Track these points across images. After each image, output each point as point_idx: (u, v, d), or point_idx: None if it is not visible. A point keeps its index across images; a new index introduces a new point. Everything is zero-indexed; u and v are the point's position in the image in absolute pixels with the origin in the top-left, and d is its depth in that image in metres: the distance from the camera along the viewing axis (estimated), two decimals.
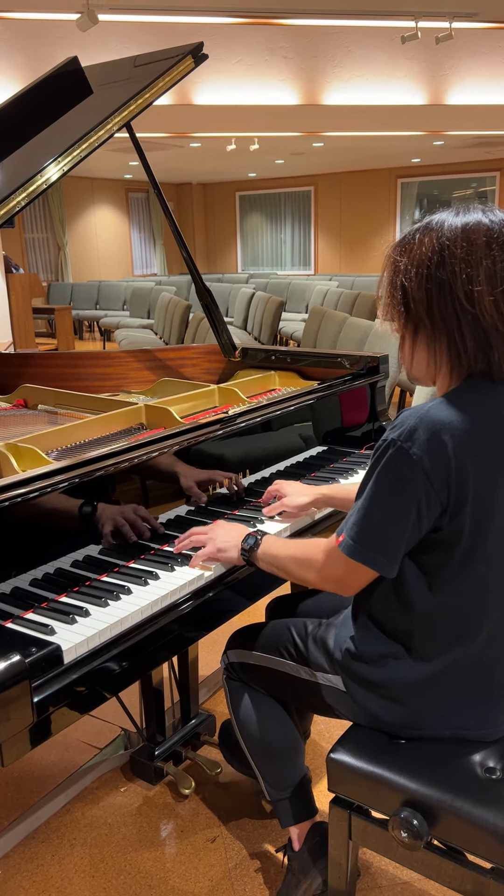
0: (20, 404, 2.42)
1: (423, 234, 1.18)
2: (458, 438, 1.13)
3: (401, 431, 1.15)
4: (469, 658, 1.30)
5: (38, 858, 1.84)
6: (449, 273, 1.13)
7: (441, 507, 1.17)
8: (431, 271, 1.15)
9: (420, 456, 1.13)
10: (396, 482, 1.16)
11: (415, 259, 1.17)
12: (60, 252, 13.79)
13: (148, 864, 1.82)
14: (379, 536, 1.20)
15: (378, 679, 1.35)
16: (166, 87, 2.14)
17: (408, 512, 1.16)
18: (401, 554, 1.22)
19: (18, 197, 1.86)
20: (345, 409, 2.29)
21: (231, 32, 6.08)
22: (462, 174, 13.49)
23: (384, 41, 6.37)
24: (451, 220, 1.16)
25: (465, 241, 1.13)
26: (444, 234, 1.15)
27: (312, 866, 1.61)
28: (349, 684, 1.40)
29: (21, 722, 1.12)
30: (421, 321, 1.18)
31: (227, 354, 2.64)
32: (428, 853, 1.28)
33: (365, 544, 1.21)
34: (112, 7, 5.25)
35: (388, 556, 1.21)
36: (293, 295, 10.88)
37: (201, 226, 16.57)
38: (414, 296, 1.17)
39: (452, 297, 1.13)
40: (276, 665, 1.55)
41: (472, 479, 1.15)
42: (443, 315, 1.15)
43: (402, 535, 1.19)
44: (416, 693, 1.32)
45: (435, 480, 1.14)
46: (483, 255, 1.12)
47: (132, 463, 1.56)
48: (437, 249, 1.14)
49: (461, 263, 1.12)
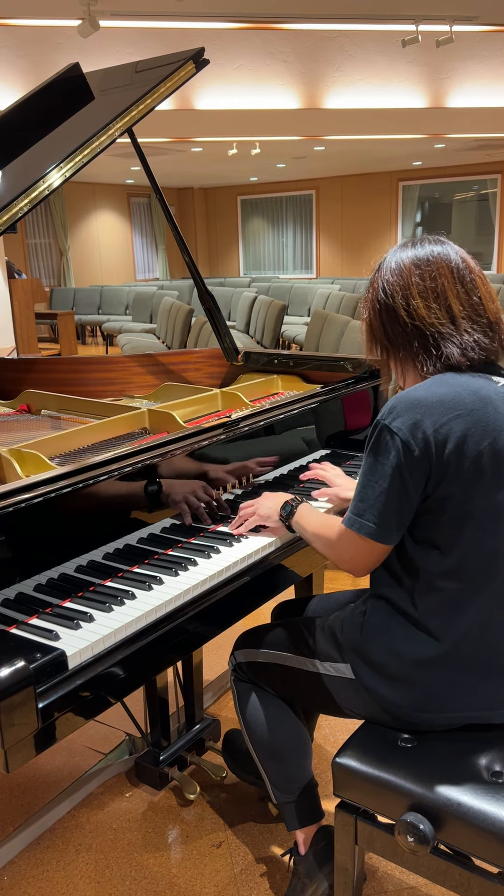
0: (23, 409, 2.42)
1: (374, 275, 1.43)
2: (433, 410, 1.26)
3: (383, 412, 1.31)
4: (477, 630, 1.32)
5: (44, 864, 1.84)
6: (391, 298, 1.37)
7: (425, 475, 1.27)
8: (380, 302, 1.39)
9: (399, 428, 1.26)
10: (381, 455, 1.29)
11: (369, 299, 1.43)
12: (63, 257, 13.82)
13: (153, 869, 1.82)
14: (372, 506, 1.31)
15: (387, 658, 1.36)
16: (168, 93, 2.14)
17: (393, 481, 1.28)
18: (394, 522, 1.30)
19: (21, 203, 1.87)
20: (348, 413, 2.29)
21: (231, 37, 6.10)
22: (463, 177, 13.49)
23: (385, 45, 6.38)
24: (389, 258, 1.41)
25: (397, 272, 1.37)
26: (384, 272, 1.40)
27: (318, 871, 1.61)
28: (358, 669, 1.41)
29: (26, 727, 1.12)
30: (384, 345, 1.41)
31: (230, 358, 2.64)
32: (434, 858, 1.27)
33: (360, 515, 1.32)
34: (113, 13, 5.27)
35: (378, 522, 1.30)
36: (295, 298, 10.88)
37: (203, 230, 16.59)
38: (375, 327, 1.42)
39: (397, 317, 1.36)
40: (284, 661, 1.56)
41: (453, 445, 1.25)
42: (395, 334, 1.38)
43: (392, 503, 1.29)
44: (425, 670, 1.34)
45: (415, 449, 1.25)
46: (411, 276, 1.35)
47: (136, 467, 1.56)
48: (381, 286, 1.39)
49: (397, 289, 1.36)
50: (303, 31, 6.00)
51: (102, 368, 2.67)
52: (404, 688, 1.36)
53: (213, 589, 1.50)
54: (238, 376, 2.65)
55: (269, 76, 7.08)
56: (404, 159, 12.39)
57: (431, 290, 1.34)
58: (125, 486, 1.55)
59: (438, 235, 1.42)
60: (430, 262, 1.36)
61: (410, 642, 1.35)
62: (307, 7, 5.43)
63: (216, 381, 2.72)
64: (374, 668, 1.39)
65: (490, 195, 13.38)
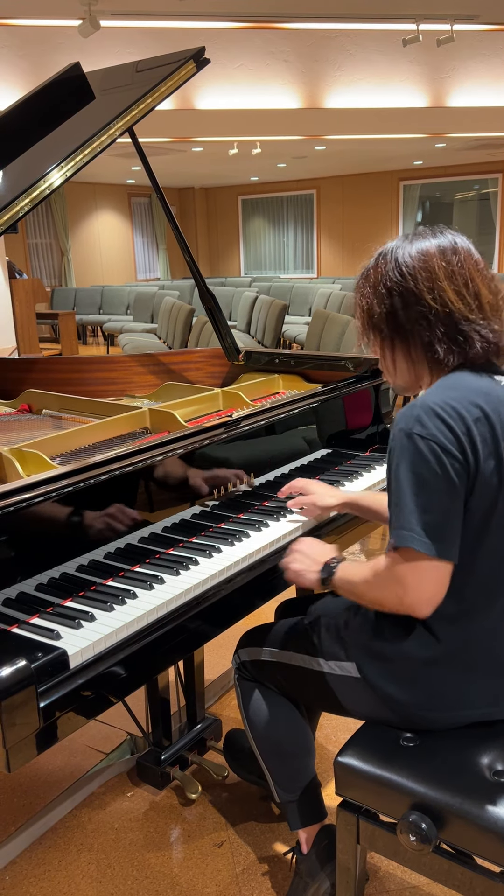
0: (24, 409, 2.42)
1: (378, 260, 1.34)
2: (455, 410, 1.22)
3: (406, 422, 1.23)
4: (484, 632, 1.32)
5: (45, 864, 1.84)
6: (411, 281, 1.28)
7: (466, 473, 1.22)
8: (392, 286, 1.29)
9: (431, 434, 1.20)
10: (420, 466, 1.21)
11: (373, 281, 1.33)
12: (64, 257, 13.82)
13: (155, 868, 1.82)
14: (429, 523, 1.20)
15: (394, 655, 1.36)
16: (168, 92, 2.14)
17: (446, 488, 1.20)
18: (454, 529, 1.22)
19: (22, 202, 1.87)
20: (349, 412, 2.29)
21: (232, 37, 6.09)
22: (464, 176, 13.49)
23: (385, 44, 6.38)
24: (401, 245, 1.32)
25: (420, 254, 1.29)
26: (397, 255, 1.30)
27: (320, 870, 1.61)
28: (364, 666, 1.41)
29: (27, 727, 1.12)
30: (390, 335, 1.32)
31: (231, 358, 2.64)
32: (436, 857, 1.27)
33: (415, 531, 1.21)
34: (114, 13, 5.27)
35: (442, 538, 1.20)
36: (296, 298, 10.88)
37: (204, 230, 16.59)
38: (378, 313, 1.32)
39: (416, 302, 1.27)
40: (288, 659, 1.56)
41: (479, 448, 1.21)
42: (410, 321, 1.29)
43: (449, 513, 1.21)
44: (432, 669, 1.33)
45: (453, 450, 1.20)
46: (438, 260, 1.28)
47: (137, 467, 1.56)
48: (394, 267, 1.30)
49: (420, 272, 1.28)
50: (303, 30, 6.00)
51: (103, 368, 2.67)
52: (410, 686, 1.36)
53: (214, 588, 1.50)
54: (239, 376, 2.65)
55: (270, 76, 7.08)
56: (405, 159, 12.39)
57: (460, 274, 1.28)
58: (126, 486, 1.55)
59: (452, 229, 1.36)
60: (456, 250, 1.29)
61: (419, 642, 1.34)
62: (308, 6, 5.43)
63: (217, 380, 2.72)
64: (380, 666, 1.39)
65: (491, 194, 13.37)
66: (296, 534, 1.75)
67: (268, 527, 1.75)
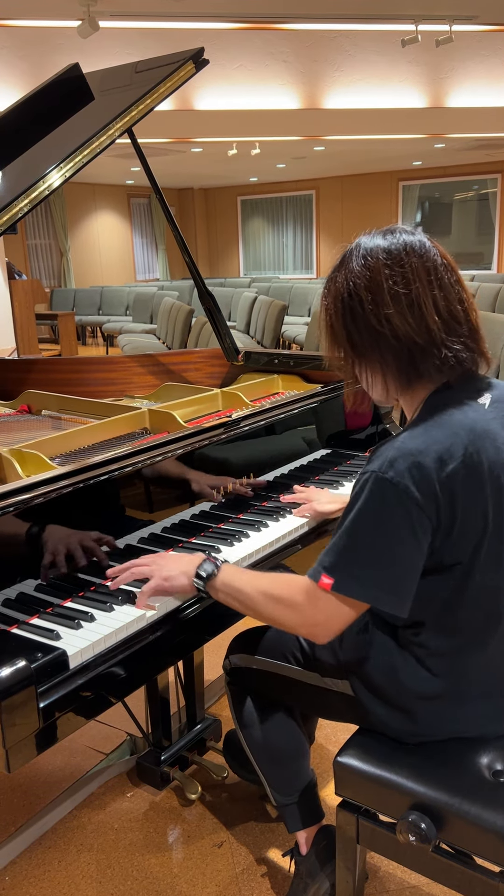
0: (24, 410, 2.42)
1: (337, 271, 1.25)
2: (435, 461, 1.14)
3: (380, 463, 1.16)
4: (480, 666, 1.31)
5: (45, 864, 1.84)
6: (358, 301, 1.19)
7: (432, 527, 1.16)
8: (345, 305, 1.21)
9: (403, 483, 1.13)
10: (384, 512, 1.14)
11: (332, 297, 1.25)
12: (63, 258, 13.82)
13: (155, 869, 1.82)
14: (375, 570, 1.16)
15: (388, 688, 1.34)
16: (167, 93, 2.14)
17: (402, 540, 1.14)
18: (404, 585, 1.17)
19: (21, 203, 1.87)
20: (348, 412, 2.29)
21: (231, 38, 6.10)
22: (463, 176, 13.49)
23: (384, 45, 6.38)
24: (356, 250, 1.22)
25: (366, 269, 1.19)
26: (351, 269, 1.21)
27: (320, 870, 1.60)
28: (358, 689, 1.39)
29: (27, 727, 1.12)
30: (350, 353, 1.26)
31: (231, 358, 2.64)
32: (436, 857, 1.27)
33: (360, 581, 1.16)
34: (113, 14, 5.27)
35: (386, 588, 1.16)
36: (295, 298, 10.88)
37: (203, 230, 16.59)
38: (338, 331, 1.25)
39: (366, 323, 1.19)
40: (281, 670, 1.54)
41: (459, 496, 1.15)
42: (363, 342, 1.21)
43: (401, 563, 1.16)
44: (426, 702, 1.32)
45: (423, 504, 1.13)
46: (382, 277, 1.17)
47: (136, 467, 1.56)
48: (345, 284, 1.21)
49: (364, 291, 1.19)
50: (302, 31, 6.00)
51: (103, 369, 2.67)
52: (402, 714, 1.34)
53: None
54: (238, 376, 2.65)
55: (269, 76, 7.08)
56: (404, 159, 12.39)
57: (405, 295, 1.16)
58: (126, 486, 1.55)
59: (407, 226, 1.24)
60: (404, 261, 1.17)
61: (411, 675, 1.32)
62: (307, 7, 5.43)
63: (216, 381, 2.72)
64: (372, 691, 1.37)
65: (490, 195, 13.38)
66: (296, 533, 1.76)
67: (267, 527, 1.75)
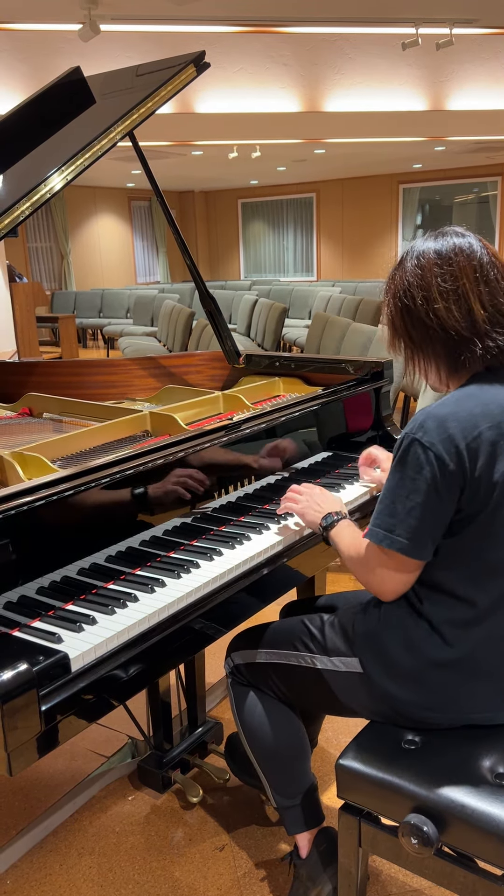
0: (25, 413, 2.42)
1: (395, 270, 1.39)
2: (464, 424, 1.25)
3: (413, 426, 1.28)
4: (494, 638, 1.32)
5: (47, 868, 1.84)
6: (411, 299, 1.33)
7: (459, 488, 1.25)
8: (400, 300, 1.36)
9: (431, 442, 1.24)
10: (412, 469, 1.26)
11: (391, 295, 1.40)
12: (64, 261, 13.84)
13: (156, 872, 1.82)
14: (403, 521, 1.28)
15: (401, 652, 1.36)
16: (169, 96, 2.14)
17: (427, 495, 1.25)
18: (427, 537, 1.28)
19: (22, 206, 1.87)
20: (349, 415, 2.29)
21: (232, 41, 6.10)
22: (463, 179, 13.51)
23: (385, 48, 6.39)
24: (412, 252, 1.37)
25: (418, 268, 1.33)
26: (406, 269, 1.36)
27: (322, 873, 1.60)
28: (368, 662, 1.41)
29: (29, 731, 1.12)
30: (407, 343, 1.39)
31: (232, 361, 2.64)
32: (438, 860, 1.27)
33: (390, 530, 1.29)
34: (114, 17, 5.28)
35: (411, 537, 1.27)
36: (296, 301, 10.89)
37: (204, 233, 16.61)
38: (398, 326, 1.39)
39: (419, 319, 1.33)
40: (285, 659, 1.55)
41: (484, 458, 1.24)
42: (418, 335, 1.35)
43: (427, 518, 1.26)
44: (438, 670, 1.34)
45: (449, 462, 1.23)
46: (432, 276, 1.31)
47: (137, 470, 1.56)
48: (401, 283, 1.36)
49: (417, 290, 1.33)
50: (303, 34, 6.00)
51: (104, 371, 2.67)
52: (412, 685, 1.36)
53: (215, 591, 1.50)
54: (240, 379, 2.66)
55: (270, 79, 7.09)
56: (404, 162, 12.41)
57: (452, 291, 1.30)
58: (127, 489, 1.55)
59: (459, 228, 1.38)
60: (452, 261, 1.31)
61: (426, 641, 1.35)
62: (307, 10, 5.44)
63: (218, 383, 2.72)
64: (384, 663, 1.39)
65: (490, 197, 13.40)
66: (296, 536, 1.75)
67: (269, 529, 1.75)
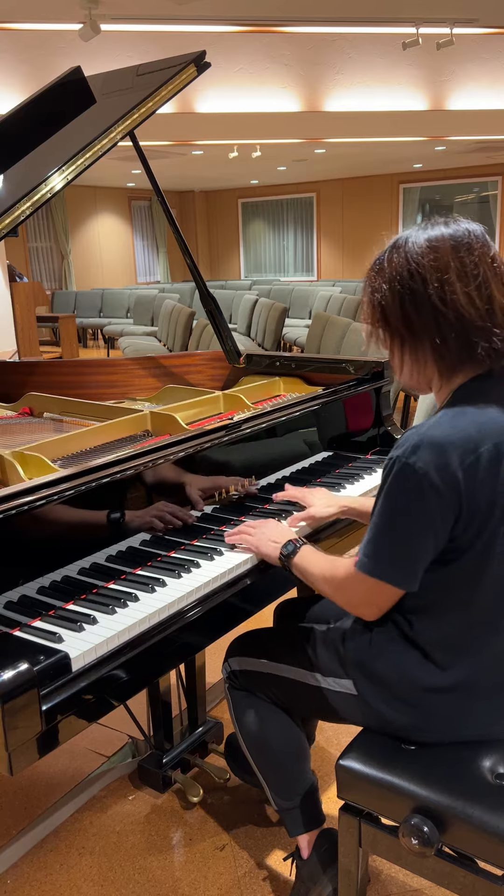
0: (26, 412, 2.42)
1: (391, 252, 1.25)
2: (460, 450, 1.16)
3: (404, 449, 1.19)
4: (488, 661, 1.31)
5: (47, 867, 1.84)
6: (420, 282, 1.20)
7: (454, 517, 1.19)
8: (404, 284, 1.21)
9: (425, 469, 1.16)
10: (405, 497, 1.19)
11: (387, 276, 1.24)
12: (64, 261, 13.83)
13: (157, 872, 1.82)
14: (393, 551, 1.22)
15: (394, 678, 1.35)
16: (169, 96, 2.15)
17: (421, 525, 1.19)
18: (418, 568, 1.23)
19: (23, 206, 1.87)
20: (350, 415, 2.29)
21: (232, 41, 6.10)
22: (464, 179, 13.51)
23: (385, 47, 6.38)
24: (414, 236, 1.24)
25: (430, 250, 1.20)
26: (410, 249, 1.22)
27: (322, 874, 1.60)
28: (361, 687, 1.39)
29: (29, 730, 1.12)
30: (401, 333, 1.25)
31: (232, 361, 2.64)
32: (439, 860, 1.27)
33: (379, 560, 1.24)
34: (114, 17, 5.27)
35: (403, 569, 1.23)
36: (296, 301, 10.89)
37: (204, 233, 16.61)
38: (391, 310, 1.24)
39: (427, 304, 1.19)
40: (283, 672, 1.54)
41: (483, 484, 1.17)
42: (421, 323, 1.21)
43: (418, 548, 1.21)
44: (432, 695, 1.32)
45: (444, 492, 1.16)
46: (450, 258, 1.19)
47: (138, 470, 1.56)
48: (405, 263, 1.22)
49: (431, 271, 1.19)
50: (303, 33, 6.00)
51: (104, 371, 2.67)
52: (407, 709, 1.34)
53: (216, 591, 1.50)
54: (240, 379, 2.66)
55: (270, 79, 7.09)
56: (405, 161, 12.40)
57: (473, 276, 1.18)
58: (128, 489, 1.55)
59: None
60: (472, 246, 1.19)
61: (419, 668, 1.32)
62: (308, 10, 5.44)
63: (218, 383, 2.72)
64: (377, 687, 1.37)
65: (491, 197, 13.39)
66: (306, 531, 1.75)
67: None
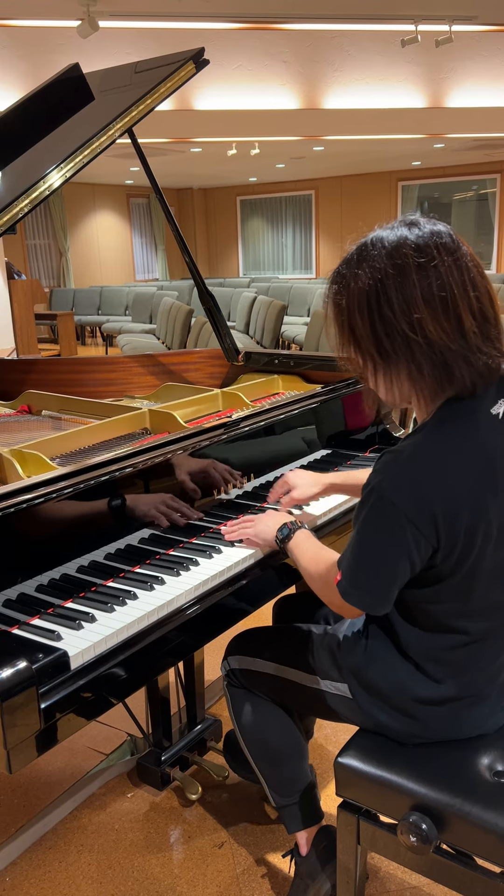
0: (24, 410, 2.42)
1: (357, 266, 1.16)
2: (439, 481, 1.13)
3: (382, 478, 1.16)
4: (481, 679, 1.31)
5: (46, 865, 1.84)
6: (387, 304, 1.11)
7: (432, 548, 1.17)
8: (371, 306, 1.13)
9: (403, 505, 1.13)
10: (382, 529, 1.17)
11: (354, 297, 1.16)
12: (62, 258, 13.81)
13: (155, 869, 1.82)
14: (370, 580, 1.22)
15: (387, 687, 1.34)
16: (168, 93, 2.14)
17: (396, 557, 1.17)
18: (392, 593, 1.23)
19: (21, 203, 1.87)
20: (348, 413, 2.29)
21: (231, 38, 6.09)
22: (462, 176, 13.50)
23: (384, 45, 6.38)
24: (379, 245, 1.14)
25: (393, 268, 1.11)
26: (375, 265, 1.13)
27: (321, 871, 1.60)
28: (356, 692, 1.40)
29: (28, 728, 1.12)
30: (374, 359, 1.17)
31: (231, 359, 2.64)
32: (437, 858, 1.27)
33: (357, 587, 1.24)
34: (112, 14, 5.26)
35: (377, 596, 1.23)
36: (295, 299, 10.88)
37: (203, 230, 16.59)
38: (362, 334, 1.16)
39: (398, 331, 1.12)
40: (281, 673, 1.54)
41: (462, 516, 1.15)
42: (394, 348, 1.13)
43: (393, 577, 1.20)
44: (426, 706, 1.32)
45: (421, 526, 1.14)
46: (416, 278, 1.10)
47: (137, 468, 1.56)
48: (372, 284, 1.13)
49: (396, 293, 1.11)
50: (302, 31, 6.00)
51: (103, 369, 2.67)
52: (401, 717, 1.34)
53: (215, 588, 1.50)
54: (238, 376, 2.65)
55: (269, 76, 7.08)
56: (404, 159, 12.39)
57: (440, 298, 1.09)
58: (126, 487, 1.55)
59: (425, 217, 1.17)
60: (436, 259, 1.10)
61: (411, 678, 1.32)
62: (306, 7, 5.43)
63: (217, 381, 2.72)
64: (371, 694, 1.37)
65: (489, 195, 13.38)
66: None
67: None
